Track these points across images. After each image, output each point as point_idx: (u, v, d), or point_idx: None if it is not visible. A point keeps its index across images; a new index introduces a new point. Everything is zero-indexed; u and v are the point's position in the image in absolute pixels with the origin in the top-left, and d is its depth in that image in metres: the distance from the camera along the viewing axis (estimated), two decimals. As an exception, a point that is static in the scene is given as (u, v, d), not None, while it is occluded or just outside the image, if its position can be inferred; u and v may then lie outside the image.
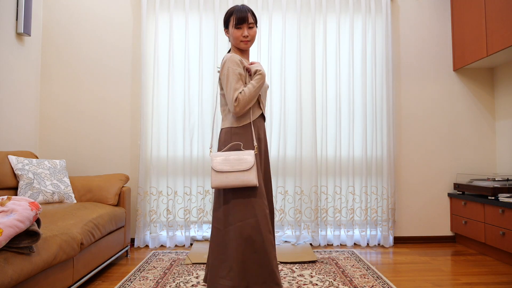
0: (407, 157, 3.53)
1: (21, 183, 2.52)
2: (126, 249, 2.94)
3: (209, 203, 3.32)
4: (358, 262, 2.81)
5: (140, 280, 2.39)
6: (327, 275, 2.49)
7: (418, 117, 3.55)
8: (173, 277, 2.43)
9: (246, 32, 1.90)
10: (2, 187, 2.45)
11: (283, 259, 2.78)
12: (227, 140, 1.89)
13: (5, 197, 1.63)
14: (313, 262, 2.79)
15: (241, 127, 1.88)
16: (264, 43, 3.41)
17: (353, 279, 2.40)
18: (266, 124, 3.31)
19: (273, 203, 2.05)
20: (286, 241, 3.34)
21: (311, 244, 3.36)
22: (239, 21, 1.89)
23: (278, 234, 3.32)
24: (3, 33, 2.86)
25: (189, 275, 2.48)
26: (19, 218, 1.49)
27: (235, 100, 1.81)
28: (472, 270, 2.65)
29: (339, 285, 2.29)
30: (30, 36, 3.11)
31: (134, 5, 3.46)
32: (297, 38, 3.40)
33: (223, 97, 1.94)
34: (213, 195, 2.00)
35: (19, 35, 3.04)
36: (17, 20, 2.99)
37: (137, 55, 3.43)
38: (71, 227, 2.01)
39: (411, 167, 3.52)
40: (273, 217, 2.04)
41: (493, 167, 3.54)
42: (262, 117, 1.99)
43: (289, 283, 2.32)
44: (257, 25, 2.02)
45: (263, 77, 1.86)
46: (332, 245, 3.38)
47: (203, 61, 3.35)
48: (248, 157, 1.78)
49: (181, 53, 3.37)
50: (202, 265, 2.68)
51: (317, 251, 3.13)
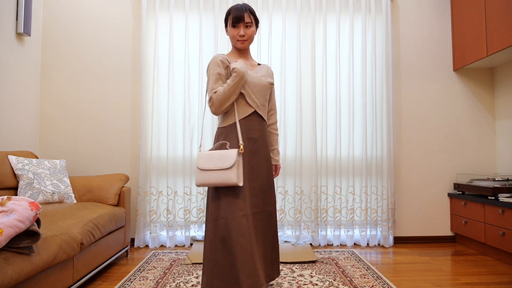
0: (407, 157, 3.53)
1: (21, 183, 2.52)
2: (126, 249, 2.94)
3: (209, 203, 3.32)
4: (358, 262, 2.81)
5: (140, 280, 2.39)
6: (327, 275, 2.49)
7: (418, 117, 3.55)
8: (173, 277, 2.43)
9: (242, 31, 1.89)
10: (2, 187, 2.45)
11: (283, 259, 2.78)
12: (215, 139, 1.94)
13: (5, 197, 1.63)
14: (313, 262, 2.79)
15: (227, 127, 1.88)
16: (264, 43, 3.41)
17: (353, 279, 2.40)
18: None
19: (273, 204, 2.03)
20: (286, 241, 3.34)
21: (311, 244, 3.36)
22: (235, 20, 1.88)
23: (278, 234, 3.31)
24: (3, 33, 2.86)
25: (189, 275, 2.48)
26: (19, 218, 1.49)
27: (209, 100, 1.84)
28: (472, 270, 2.65)
29: (339, 285, 2.29)
30: (30, 36, 3.11)
31: (134, 5, 3.46)
32: (297, 38, 3.40)
33: None
34: None
35: (19, 35, 3.04)
36: (17, 20, 2.99)
37: (137, 55, 3.44)
38: (71, 227, 2.01)
39: (411, 167, 3.53)
40: (271, 219, 2.02)
41: (493, 167, 3.54)
42: (256, 115, 1.92)
43: (289, 283, 2.32)
44: (258, 25, 2.01)
45: (238, 75, 1.79)
46: (332, 245, 3.38)
47: (203, 61, 3.35)
48: (230, 155, 1.73)
49: (181, 53, 3.37)
50: (202, 265, 2.68)
51: (317, 251, 3.13)
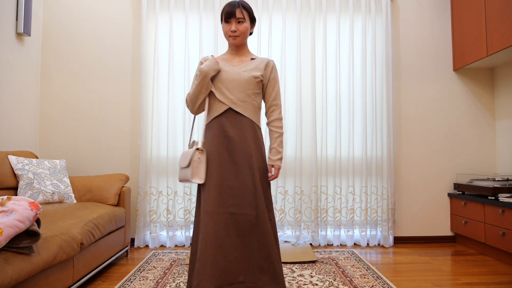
0: (407, 157, 3.53)
1: (21, 183, 2.52)
2: (126, 249, 2.94)
3: (209, 203, 3.32)
4: (358, 262, 2.81)
5: (140, 280, 2.39)
6: (327, 275, 2.49)
7: (418, 117, 3.55)
8: (173, 277, 2.43)
9: (234, 26, 1.84)
10: (2, 187, 2.45)
11: (283, 259, 2.78)
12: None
13: (5, 197, 1.63)
14: (313, 262, 2.79)
15: (207, 126, 1.88)
16: (264, 43, 3.41)
17: (353, 279, 2.40)
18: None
19: (257, 208, 1.75)
20: (286, 241, 3.34)
21: (311, 244, 3.36)
22: (227, 15, 1.85)
23: (278, 234, 3.31)
24: (3, 33, 2.86)
25: (189, 275, 2.48)
26: (19, 218, 1.49)
27: (185, 101, 1.93)
28: (472, 270, 2.65)
29: (339, 285, 2.29)
30: (30, 36, 3.11)
31: (134, 5, 3.46)
32: (297, 38, 3.40)
33: None
34: None
35: (19, 35, 3.04)
36: (17, 20, 2.99)
37: (137, 55, 3.43)
38: (71, 227, 2.01)
39: (411, 167, 3.52)
40: (259, 224, 1.75)
41: (493, 167, 3.54)
42: (232, 112, 1.82)
43: (289, 283, 2.32)
44: (254, 21, 1.93)
45: (201, 74, 1.77)
46: (332, 245, 3.38)
47: (203, 61, 3.35)
48: (188, 154, 1.77)
49: (181, 53, 3.37)
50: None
51: (317, 251, 3.13)
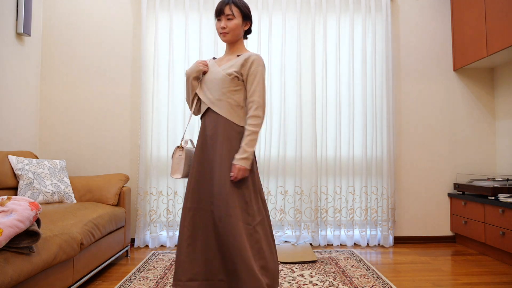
0: (407, 157, 3.53)
1: (21, 183, 2.52)
2: (126, 249, 2.94)
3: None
4: (358, 262, 2.81)
5: (140, 280, 2.39)
6: (327, 275, 2.49)
7: (418, 117, 3.55)
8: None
9: (223, 23, 1.83)
10: (2, 187, 2.45)
11: (283, 259, 2.78)
12: None
13: (5, 197, 1.63)
14: (313, 262, 2.79)
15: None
16: (264, 43, 3.41)
17: (353, 279, 2.40)
18: (266, 124, 3.31)
19: (223, 208, 1.66)
20: (286, 241, 3.33)
21: (311, 244, 3.36)
22: (216, 13, 1.85)
23: (278, 234, 3.32)
24: (3, 33, 2.86)
25: (189, 275, 2.48)
26: (19, 218, 1.49)
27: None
28: (472, 270, 2.65)
29: (339, 285, 2.29)
30: (30, 36, 3.10)
31: (134, 5, 3.46)
32: (297, 38, 3.40)
33: None
34: None
35: (19, 35, 3.04)
36: (17, 20, 2.99)
37: (137, 55, 3.43)
38: (71, 227, 2.01)
39: (411, 167, 3.52)
40: (221, 225, 1.66)
41: (493, 167, 3.54)
42: (210, 112, 1.81)
43: (289, 283, 2.32)
44: (247, 18, 1.86)
45: (186, 75, 1.88)
46: (332, 245, 3.38)
47: (203, 61, 3.35)
48: (174, 151, 1.90)
49: (181, 52, 3.37)
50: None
51: (317, 251, 3.13)
